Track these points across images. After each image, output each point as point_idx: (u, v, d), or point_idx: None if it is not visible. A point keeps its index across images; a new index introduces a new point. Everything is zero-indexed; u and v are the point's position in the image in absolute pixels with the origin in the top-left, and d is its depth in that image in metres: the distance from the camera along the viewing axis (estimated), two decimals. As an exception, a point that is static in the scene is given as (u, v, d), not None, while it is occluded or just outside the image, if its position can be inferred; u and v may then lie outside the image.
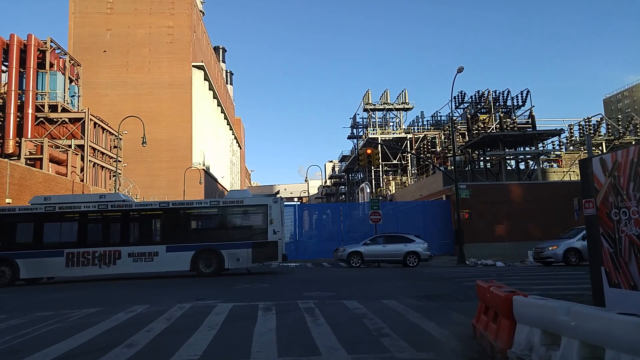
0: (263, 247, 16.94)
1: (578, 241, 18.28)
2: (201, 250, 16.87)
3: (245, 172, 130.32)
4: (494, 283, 5.78)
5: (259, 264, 17.40)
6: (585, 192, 6.48)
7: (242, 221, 17.87)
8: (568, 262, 18.19)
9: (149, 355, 5.69)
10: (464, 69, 22.53)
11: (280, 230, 17.32)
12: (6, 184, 27.00)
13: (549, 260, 18.85)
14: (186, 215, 17.80)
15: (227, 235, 17.30)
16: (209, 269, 16.80)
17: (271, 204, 17.39)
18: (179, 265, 16.76)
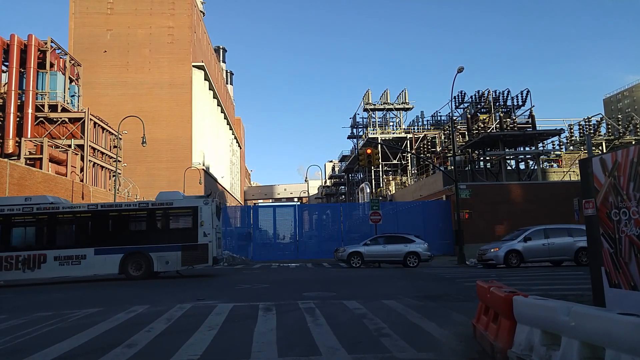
0: (193, 249, 16.62)
1: (519, 243, 18.40)
2: (130, 253, 16.58)
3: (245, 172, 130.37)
4: (494, 283, 5.78)
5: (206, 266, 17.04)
6: (585, 192, 6.48)
7: (172, 223, 17.41)
8: (509, 264, 18.23)
9: (149, 355, 5.69)
10: (464, 69, 22.54)
11: (211, 232, 16.86)
12: (6, 184, 27.00)
13: (491, 263, 18.73)
14: (115, 217, 17.34)
15: (156, 238, 16.90)
16: (138, 272, 16.52)
17: (202, 205, 17.01)
18: (107, 269, 16.46)
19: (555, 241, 18.14)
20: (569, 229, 18.61)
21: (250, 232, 27.32)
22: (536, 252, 18.12)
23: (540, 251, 18.13)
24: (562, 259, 18.38)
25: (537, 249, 18.10)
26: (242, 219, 29.39)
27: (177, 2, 65.22)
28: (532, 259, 18.30)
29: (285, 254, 27.35)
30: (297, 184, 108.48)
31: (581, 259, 17.79)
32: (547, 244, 18.12)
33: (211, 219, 16.97)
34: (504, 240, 19.42)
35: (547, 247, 18.09)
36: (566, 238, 18.16)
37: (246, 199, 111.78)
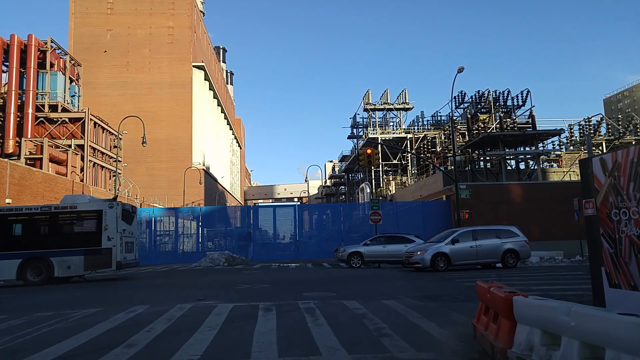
0: (96, 254, 16.16)
1: (447, 245, 17.35)
2: (29, 258, 16.01)
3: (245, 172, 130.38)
4: (494, 283, 5.78)
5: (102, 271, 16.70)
6: (585, 192, 6.48)
7: (75, 227, 16.89)
8: (436, 267, 17.10)
9: (149, 355, 5.69)
10: (464, 69, 22.55)
11: (115, 236, 16.41)
12: (6, 184, 27.01)
13: (417, 266, 17.55)
14: (14, 221, 16.74)
15: (58, 242, 16.32)
16: (37, 277, 15.97)
17: (106, 209, 16.55)
18: (4, 274, 15.95)
19: (483, 243, 17.48)
20: (497, 231, 18.23)
21: (250, 232, 27.32)
22: (464, 254, 17.33)
23: (468, 254, 17.37)
24: (490, 261, 17.85)
25: (465, 251, 17.33)
26: (242, 219, 29.38)
27: (177, 2, 65.24)
28: (460, 262, 17.37)
29: (285, 254, 27.35)
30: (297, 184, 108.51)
31: (508, 261, 17.60)
32: (475, 246, 17.40)
33: (116, 223, 16.49)
34: (431, 242, 18.49)
35: (474, 249, 17.38)
36: (494, 240, 17.69)
37: (246, 199, 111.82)
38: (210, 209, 35.22)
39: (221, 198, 73.42)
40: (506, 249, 17.58)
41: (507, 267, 17.54)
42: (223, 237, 28.24)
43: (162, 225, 28.00)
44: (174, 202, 51.17)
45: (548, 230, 25.22)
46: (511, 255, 17.68)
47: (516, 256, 17.75)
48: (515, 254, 17.74)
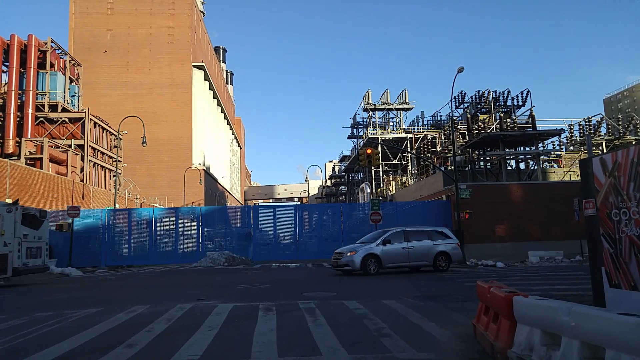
0: None
1: (378, 246, 16.22)
2: None
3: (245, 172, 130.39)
4: (495, 283, 5.78)
5: None
6: (586, 192, 6.48)
7: None
8: (366, 270, 15.91)
9: (149, 356, 5.69)
10: (464, 69, 22.55)
11: (12, 242, 15.71)
12: (6, 184, 27.03)
13: (346, 269, 16.24)
14: None
15: None
16: None
17: (4, 214, 15.80)
18: None
19: (415, 245, 16.54)
20: (428, 232, 17.31)
21: (250, 232, 27.29)
22: (396, 256, 16.29)
23: (400, 256, 16.35)
24: (421, 264, 16.90)
25: (397, 253, 16.29)
26: (242, 219, 29.34)
27: (177, 2, 65.26)
28: (391, 264, 16.38)
29: (286, 254, 27.32)
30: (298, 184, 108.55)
31: (439, 264, 16.71)
32: (407, 247, 16.42)
33: (14, 228, 15.80)
34: (362, 242, 17.24)
35: (406, 251, 16.40)
36: (426, 242, 16.78)
37: (246, 199, 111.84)
38: (211, 209, 35.21)
39: (221, 198, 73.43)
40: (438, 252, 16.67)
41: (438, 271, 16.55)
42: (223, 237, 28.20)
43: (162, 225, 27.97)
44: (174, 202, 51.19)
45: (548, 230, 25.22)
46: (443, 258, 16.75)
47: (448, 259, 16.84)
48: (447, 257, 16.80)
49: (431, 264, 16.70)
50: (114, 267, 25.41)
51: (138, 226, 27.67)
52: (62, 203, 32.45)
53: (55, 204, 31.85)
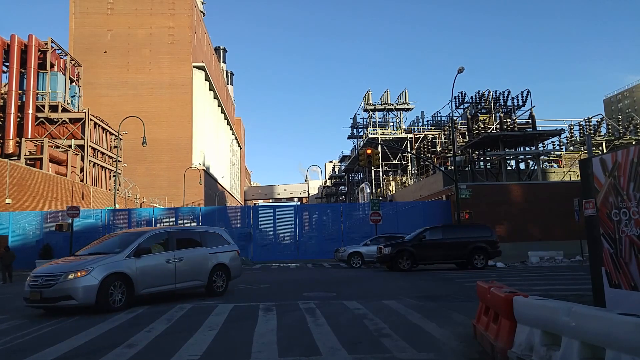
0: None
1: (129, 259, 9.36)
2: None
3: (245, 172, 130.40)
4: (495, 284, 5.78)
5: None
6: (586, 192, 6.48)
7: None
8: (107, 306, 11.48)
9: (149, 356, 5.70)
10: (464, 69, 22.54)
11: None
12: (6, 184, 27.02)
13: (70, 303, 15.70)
14: None
15: None
16: None
17: None
18: None
19: (185, 255, 10.58)
20: (202, 234, 11.67)
21: (251, 232, 27.30)
22: (156, 276, 9.96)
23: (162, 275, 10.09)
24: (192, 285, 10.89)
25: (158, 270, 10.00)
26: (242, 219, 29.37)
27: (177, 2, 65.26)
28: (149, 291, 9.88)
29: (286, 254, 27.33)
30: (298, 184, 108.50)
31: (216, 284, 11.20)
32: (175, 260, 10.30)
33: None
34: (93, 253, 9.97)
35: (173, 266, 10.23)
36: (199, 251, 11.08)
37: (246, 199, 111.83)
38: (210, 209, 35.22)
39: (221, 198, 73.41)
40: (216, 265, 11.20)
41: (213, 295, 11.02)
42: (223, 237, 28.22)
43: (162, 225, 27.99)
44: (174, 202, 51.18)
45: (548, 230, 25.21)
46: (220, 274, 11.32)
47: (226, 276, 11.52)
48: (225, 273, 11.46)
49: (205, 283, 11.01)
50: (114, 267, 25.36)
51: (138, 226, 27.67)
52: (62, 203, 32.45)
53: (55, 204, 31.85)
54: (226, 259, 11.56)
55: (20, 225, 26.13)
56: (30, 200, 29.56)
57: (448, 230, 19.04)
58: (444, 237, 18.11)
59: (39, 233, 26.05)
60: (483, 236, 18.06)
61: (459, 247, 17.63)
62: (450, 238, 18.08)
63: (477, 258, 17.64)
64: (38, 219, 26.54)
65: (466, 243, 17.68)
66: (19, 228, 26.00)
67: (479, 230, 18.59)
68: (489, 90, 40.87)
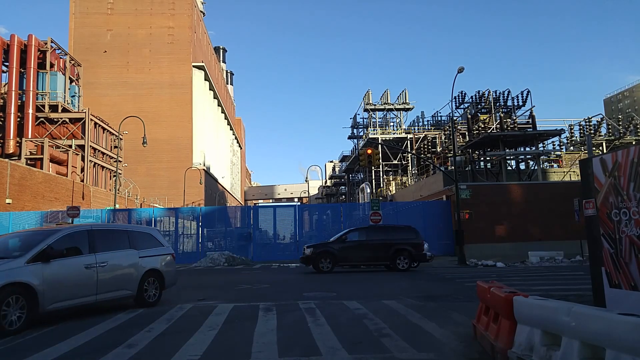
0: None
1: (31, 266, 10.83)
2: None
3: (245, 172, 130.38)
4: (495, 284, 5.78)
5: None
6: (586, 192, 6.48)
7: None
8: None
9: (149, 356, 5.70)
10: (464, 69, 22.52)
11: None
12: (6, 184, 27.02)
13: None
14: None
15: None
16: None
17: None
18: None
19: (109, 259, 8.79)
20: (130, 234, 9.78)
21: (251, 232, 27.27)
22: (72, 287, 8.06)
23: (79, 285, 8.19)
24: (117, 296, 9.05)
25: (74, 279, 8.11)
26: (242, 219, 29.34)
27: (177, 2, 65.26)
28: (60, 305, 7.92)
29: (286, 255, 27.30)
30: (298, 184, 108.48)
31: (147, 293, 9.56)
32: (96, 265, 8.46)
33: None
34: None
35: (94, 273, 8.40)
36: (127, 253, 9.33)
37: (246, 199, 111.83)
38: (211, 209, 35.21)
39: (221, 198, 73.41)
40: (148, 271, 9.60)
41: (144, 306, 9.39)
42: (223, 237, 28.19)
43: (162, 225, 27.96)
44: (174, 202, 51.18)
45: (548, 230, 25.20)
46: (154, 281, 9.78)
47: (160, 284, 9.96)
48: (159, 280, 9.92)
49: (135, 293, 9.33)
50: (114, 267, 25.36)
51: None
52: (62, 203, 32.45)
53: (55, 204, 31.85)
54: (159, 264, 10.03)
55: (20, 226, 26.13)
56: (30, 200, 29.57)
57: (372, 231, 18.74)
58: (367, 238, 17.92)
59: (39, 233, 26.01)
60: (408, 238, 17.81)
61: (382, 249, 17.39)
62: (373, 240, 17.82)
63: (401, 260, 17.31)
64: (38, 219, 26.54)
65: (390, 245, 17.43)
66: (19, 228, 26.00)
67: (405, 232, 18.35)
68: (489, 90, 40.90)
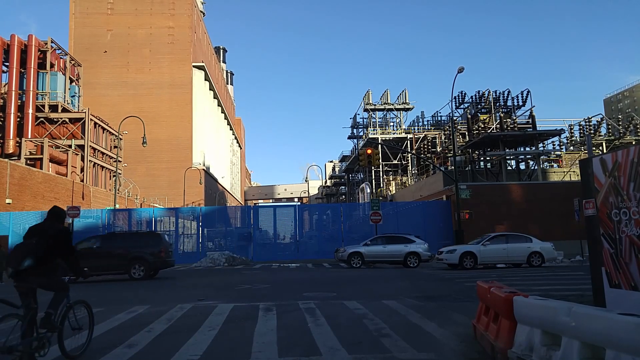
0: None
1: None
2: None
3: (245, 172, 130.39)
4: (495, 284, 5.78)
5: None
6: (586, 192, 6.48)
7: None
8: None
9: (149, 356, 5.70)
10: (464, 69, 22.55)
11: None
12: (6, 184, 27.02)
13: None
14: None
15: None
16: None
17: None
18: None
19: None
20: None
21: (251, 232, 27.30)
22: None
23: None
24: None
25: None
26: (243, 219, 29.37)
27: (177, 2, 65.25)
28: None
29: (286, 254, 27.33)
30: (298, 184, 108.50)
31: None
32: None
33: None
34: None
35: None
36: None
37: (246, 199, 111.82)
38: (211, 209, 35.22)
39: (221, 198, 73.41)
40: None
41: None
42: (223, 237, 28.22)
43: (162, 225, 27.99)
44: (174, 202, 51.18)
45: (548, 230, 25.18)
46: None
47: None
48: None
49: None
50: (114, 267, 25.37)
51: (138, 226, 27.70)
52: (62, 203, 32.45)
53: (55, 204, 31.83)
54: None
55: (20, 226, 26.13)
56: (30, 200, 29.57)
57: (108, 239, 18.28)
58: (102, 245, 17.51)
59: (39, 233, 26.02)
60: (148, 246, 17.27)
61: (118, 257, 16.94)
62: (110, 247, 17.39)
63: (136, 268, 16.87)
64: (38, 219, 26.52)
65: (125, 253, 17.00)
66: (19, 228, 26.01)
67: (147, 239, 17.84)
68: (489, 90, 40.90)
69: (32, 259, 4.90)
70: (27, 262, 4.89)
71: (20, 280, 5.01)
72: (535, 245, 18.87)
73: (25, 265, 4.89)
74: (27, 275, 4.98)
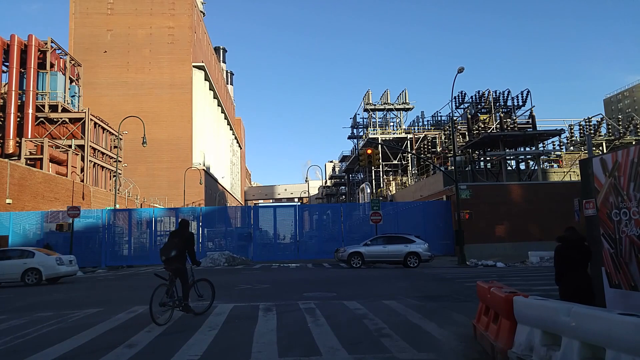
0: None
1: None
2: None
3: (245, 172, 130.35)
4: (495, 284, 5.78)
5: None
6: (586, 192, 6.49)
7: None
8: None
9: (149, 356, 5.70)
10: (464, 69, 22.52)
11: None
12: (6, 184, 27.01)
13: None
14: None
15: None
16: None
17: None
18: None
19: None
20: None
21: (251, 232, 27.28)
22: None
23: None
24: None
25: None
26: (243, 219, 29.36)
27: (177, 2, 65.22)
28: None
29: (286, 254, 27.31)
30: (298, 184, 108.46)
31: None
32: None
33: None
34: None
35: None
36: None
37: (246, 199, 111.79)
38: (211, 209, 35.21)
39: (221, 198, 73.38)
40: None
41: None
42: (223, 237, 28.21)
43: (162, 225, 27.96)
44: (174, 203, 51.17)
45: (548, 230, 25.14)
46: None
47: None
48: None
49: None
50: (114, 268, 25.41)
51: (138, 226, 27.68)
52: (62, 203, 32.44)
53: (55, 204, 31.84)
54: None
55: (20, 226, 26.14)
56: (30, 200, 29.56)
57: None
58: None
59: (39, 233, 26.04)
60: None
61: None
62: None
63: None
64: (38, 219, 26.55)
65: None
66: (19, 228, 26.01)
67: None
68: (489, 90, 40.88)
69: (176, 251, 7.86)
70: (173, 253, 7.82)
71: (168, 264, 7.87)
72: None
73: (172, 255, 7.82)
74: (172, 262, 7.85)
